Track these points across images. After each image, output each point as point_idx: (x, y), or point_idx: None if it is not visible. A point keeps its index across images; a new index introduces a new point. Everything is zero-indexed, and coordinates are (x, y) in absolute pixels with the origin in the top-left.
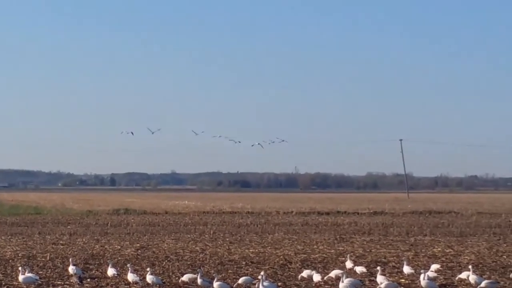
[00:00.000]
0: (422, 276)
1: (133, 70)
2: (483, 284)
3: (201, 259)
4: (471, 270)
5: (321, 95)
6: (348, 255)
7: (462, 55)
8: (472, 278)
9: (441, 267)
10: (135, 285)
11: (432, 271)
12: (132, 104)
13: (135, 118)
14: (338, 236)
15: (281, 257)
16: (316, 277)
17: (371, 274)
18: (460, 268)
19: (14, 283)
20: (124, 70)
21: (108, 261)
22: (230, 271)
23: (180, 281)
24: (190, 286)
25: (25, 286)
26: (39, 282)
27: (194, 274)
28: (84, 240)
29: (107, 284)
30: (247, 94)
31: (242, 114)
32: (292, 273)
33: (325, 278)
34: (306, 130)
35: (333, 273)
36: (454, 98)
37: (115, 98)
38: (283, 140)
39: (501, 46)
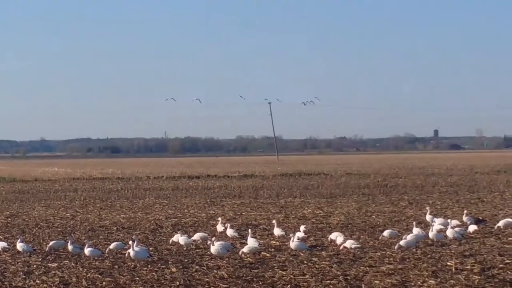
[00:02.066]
0: (292, 237)
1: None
2: (348, 244)
3: (71, 225)
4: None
5: (192, 57)
6: (220, 218)
7: (333, 14)
8: (339, 239)
9: (309, 228)
10: (5, 253)
11: (301, 232)
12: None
13: (11, 81)
14: (208, 200)
15: (152, 222)
16: (183, 240)
17: (242, 237)
18: (330, 229)
19: None
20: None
21: None
22: (101, 237)
23: (47, 247)
24: (60, 253)
25: None
26: None
27: (63, 240)
28: None
29: None
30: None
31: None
32: (164, 238)
33: (188, 241)
34: (175, 94)
35: (197, 236)
36: (322, 59)
37: None
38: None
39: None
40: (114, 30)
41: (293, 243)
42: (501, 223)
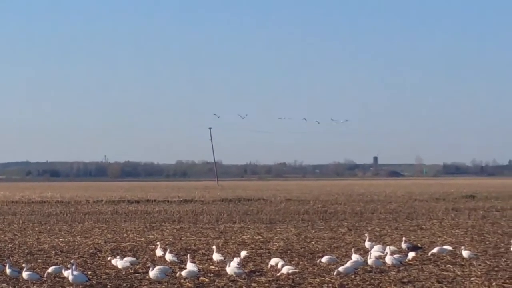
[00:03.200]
0: (228, 263)
1: None
2: (284, 270)
3: (10, 249)
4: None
5: (132, 83)
6: (159, 243)
7: (272, 42)
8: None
9: (249, 253)
10: None
11: (241, 257)
12: None
13: None
14: (148, 224)
15: (91, 246)
16: (121, 264)
17: (181, 262)
18: (269, 254)
19: None
20: None
21: None
22: (39, 260)
23: None
24: None
25: None
26: None
27: (1, 263)
28: None
29: None
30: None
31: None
32: (102, 262)
33: (125, 265)
34: (115, 119)
35: (127, 260)
36: (264, 86)
37: None
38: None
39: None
40: (54, 54)
41: (229, 269)
42: (435, 250)
